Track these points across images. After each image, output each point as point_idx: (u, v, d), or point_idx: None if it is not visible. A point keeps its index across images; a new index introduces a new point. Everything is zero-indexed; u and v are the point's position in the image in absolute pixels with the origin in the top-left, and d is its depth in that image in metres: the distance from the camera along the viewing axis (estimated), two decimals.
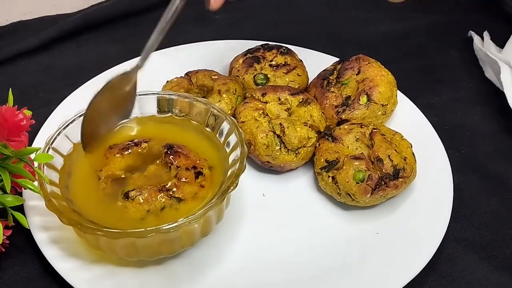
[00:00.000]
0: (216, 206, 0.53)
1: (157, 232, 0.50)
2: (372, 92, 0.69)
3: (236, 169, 0.56)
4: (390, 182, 0.60)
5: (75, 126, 0.59)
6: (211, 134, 0.62)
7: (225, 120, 0.61)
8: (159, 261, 0.57)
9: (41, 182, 0.53)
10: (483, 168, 0.70)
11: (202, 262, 0.57)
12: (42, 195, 0.53)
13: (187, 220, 0.51)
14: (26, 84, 0.80)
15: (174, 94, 0.64)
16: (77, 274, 0.55)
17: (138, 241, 0.52)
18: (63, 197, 0.55)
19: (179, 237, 0.54)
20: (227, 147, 0.60)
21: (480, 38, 0.86)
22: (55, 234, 0.57)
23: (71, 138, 0.60)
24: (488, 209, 0.65)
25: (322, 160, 0.64)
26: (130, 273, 0.56)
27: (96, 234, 0.51)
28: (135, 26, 0.91)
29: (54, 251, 0.56)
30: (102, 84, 0.74)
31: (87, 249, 0.57)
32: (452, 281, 0.58)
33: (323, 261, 0.58)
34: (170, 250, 0.55)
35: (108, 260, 0.56)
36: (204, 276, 0.56)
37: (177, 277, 0.56)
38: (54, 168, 0.57)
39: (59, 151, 0.58)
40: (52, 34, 0.86)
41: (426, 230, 0.59)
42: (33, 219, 0.58)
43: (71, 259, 0.56)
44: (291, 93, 0.68)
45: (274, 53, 0.75)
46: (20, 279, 0.57)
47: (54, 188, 0.55)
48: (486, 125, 0.76)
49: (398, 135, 0.65)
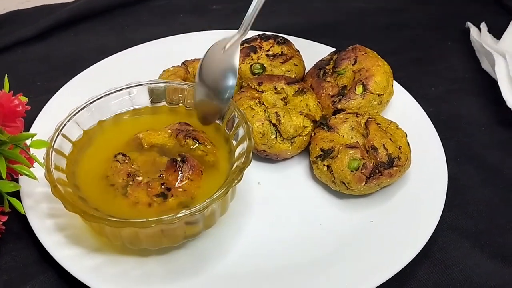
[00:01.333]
0: (219, 199, 0.53)
1: (158, 223, 0.51)
2: (368, 82, 0.69)
3: (242, 162, 0.56)
4: (385, 171, 0.61)
5: (85, 113, 0.60)
6: (220, 126, 0.62)
7: (234, 112, 0.60)
8: (162, 250, 0.57)
9: (48, 167, 0.54)
10: (478, 158, 0.70)
11: (200, 252, 0.58)
12: (48, 181, 0.53)
13: (189, 212, 0.51)
14: (24, 73, 0.80)
15: (185, 84, 0.64)
16: (75, 261, 0.55)
17: (141, 231, 0.52)
18: (70, 183, 0.55)
19: (182, 228, 0.54)
20: (235, 140, 0.60)
21: (477, 30, 0.86)
22: (51, 220, 0.58)
23: (80, 124, 0.60)
24: (483, 198, 0.66)
25: (318, 149, 0.64)
26: (133, 262, 0.56)
27: (99, 222, 0.51)
28: (132, 15, 0.92)
29: (50, 237, 0.56)
30: (100, 74, 0.75)
31: (86, 236, 0.57)
32: (445, 268, 0.59)
33: (317, 249, 0.58)
34: (173, 241, 0.56)
35: (109, 248, 0.56)
36: (205, 266, 0.56)
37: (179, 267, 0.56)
38: (62, 154, 0.57)
39: (68, 137, 0.58)
40: (50, 23, 0.86)
41: (419, 219, 0.60)
42: (29, 205, 0.58)
43: (69, 245, 0.56)
44: (287, 83, 0.68)
45: (271, 43, 0.75)
46: (16, 265, 0.57)
47: (61, 174, 0.55)
48: (482, 115, 0.76)
49: (393, 124, 0.65)
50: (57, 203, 0.53)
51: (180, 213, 0.51)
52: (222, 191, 0.53)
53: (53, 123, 0.59)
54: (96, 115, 0.61)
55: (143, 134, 0.59)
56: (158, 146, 0.59)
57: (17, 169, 0.52)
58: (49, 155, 0.55)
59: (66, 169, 0.56)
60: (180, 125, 0.60)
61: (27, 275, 0.56)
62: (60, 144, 0.57)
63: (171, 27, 0.89)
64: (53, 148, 0.56)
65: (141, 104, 0.64)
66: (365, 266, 0.56)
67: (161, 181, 0.55)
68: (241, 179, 0.55)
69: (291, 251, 0.58)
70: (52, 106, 0.70)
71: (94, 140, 0.60)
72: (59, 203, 0.53)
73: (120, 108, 0.63)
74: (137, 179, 0.55)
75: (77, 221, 0.56)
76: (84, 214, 0.51)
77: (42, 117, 0.69)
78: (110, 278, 0.54)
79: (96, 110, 0.61)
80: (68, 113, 0.60)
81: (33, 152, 0.54)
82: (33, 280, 0.56)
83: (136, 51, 0.80)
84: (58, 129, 0.58)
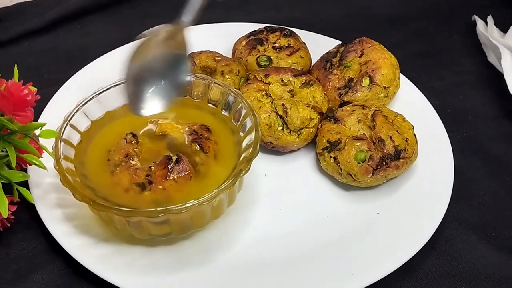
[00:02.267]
0: (227, 189, 0.53)
1: (167, 212, 0.51)
2: (375, 75, 0.69)
3: (249, 153, 0.56)
4: (391, 163, 0.61)
5: (93, 104, 0.60)
6: (227, 118, 0.62)
7: (241, 103, 0.61)
8: (169, 241, 0.57)
9: (57, 158, 0.54)
10: (484, 150, 0.70)
11: (207, 242, 0.58)
12: (58, 170, 0.53)
13: (197, 202, 0.52)
14: (30, 65, 0.80)
15: (192, 76, 0.64)
16: (84, 251, 0.55)
17: (148, 220, 0.53)
18: (78, 172, 0.56)
19: (190, 218, 0.54)
20: (242, 131, 0.60)
21: (483, 23, 0.86)
22: (60, 210, 0.58)
23: (89, 115, 0.60)
24: (489, 190, 0.66)
25: (324, 140, 0.64)
26: (140, 252, 0.56)
27: (108, 211, 0.52)
28: (138, 7, 0.92)
29: (59, 226, 0.57)
30: (106, 66, 0.75)
31: (94, 226, 0.57)
32: (452, 260, 0.59)
33: (324, 240, 0.58)
34: (180, 231, 0.56)
35: (117, 238, 0.57)
36: (212, 256, 0.57)
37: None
38: (71, 144, 0.57)
39: (77, 127, 0.59)
40: (56, 15, 0.86)
41: (426, 210, 0.60)
42: (38, 195, 0.58)
43: (78, 235, 0.57)
44: (294, 75, 0.69)
45: (277, 35, 0.76)
46: (25, 254, 0.57)
47: (69, 164, 0.56)
48: (488, 109, 0.76)
49: (400, 116, 0.65)
50: (66, 193, 0.54)
51: (188, 203, 0.51)
52: (230, 181, 0.53)
53: (61, 113, 0.59)
54: (105, 106, 0.62)
55: (161, 121, 0.60)
56: (169, 138, 0.59)
57: (27, 159, 0.52)
58: (58, 145, 0.55)
59: (74, 159, 0.57)
60: (200, 127, 0.60)
61: (36, 265, 0.57)
62: (69, 134, 0.58)
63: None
64: (62, 138, 0.56)
65: None
66: (372, 257, 0.56)
67: (148, 173, 0.55)
68: (248, 169, 0.55)
69: (297, 242, 0.59)
70: (60, 97, 0.71)
71: (103, 129, 0.60)
72: (67, 193, 0.53)
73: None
74: (131, 163, 0.56)
75: (86, 211, 0.56)
76: (93, 204, 0.52)
77: (50, 108, 0.69)
78: (118, 267, 0.54)
79: (104, 101, 0.61)
80: (77, 104, 0.60)
81: (42, 142, 0.55)
82: (41, 269, 0.56)
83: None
84: (66, 119, 0.58)
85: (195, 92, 0.64)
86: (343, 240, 0.58)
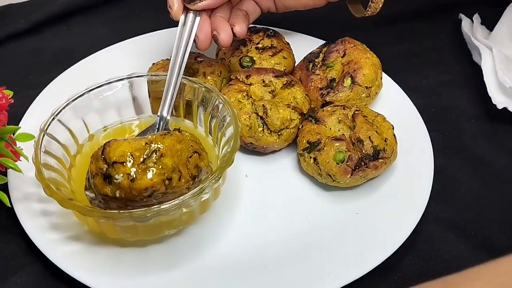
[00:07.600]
0: (214, 182, 0.54)
1: (158, 212, 0.51)
2: (356, 75, 0.69)
3: (231, 147, 0.57)
4: (370, 163, 0.61)
5: (81, 101, 0.62)
6: (203, 116, 0.63)
7: (218, 99, 0.61)
8: (141, 242, 0.57)
9: (39, 169, 0.53)
10: (466, 150, 0.70)
11: (184, 244, 0.58)
12: (40, 181, 0.53)
13: (184, 198, 0.51)
14: (16, 67, 0.80)
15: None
16: (57, 248, 0.55)
17: (138, 222, 0.53)
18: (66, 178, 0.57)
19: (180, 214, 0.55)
20: (220, 128, 0.61)
21: (470, 21, 0.86)
22: (38, 211, 0.58)
23: (76, 111, 0.62)
24: (470, 190, 0.66)
25: (304, 141, 0.64)
26: (110, 253, 0.56)
27: (93, 216, 0.52)
28: (125, 9, 0.92)
29: (37, 227, 0.57)
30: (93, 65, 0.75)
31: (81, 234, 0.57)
32: (430, 260, 0.59)
33: (302, 240, 0.59)
34: (172, 227, 0.56)
35: (89, 235, 0.57)
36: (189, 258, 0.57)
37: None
38: (57, 140, 0.59)
39: (64, 123, 0.61)
40: (42, 17, 0.86)
41: (404, 209, 0.60)
42: (17, 198, 0.59)
43: (52, 232, 0.57)
44: (275, 75, 0.69)
45: (261, 35, 0.76)
46: (4, 257, 0.58)
47: (51, 159, 0.56)
48: (471, 108, 0.76)
49: (380, 116, 0.65)
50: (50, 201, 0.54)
51: (176, 200, 0.51)
52: (215, 175, 0.54)
53: (44, 115, 0.59)
54: (91, 104, 0.63)
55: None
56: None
57: (3, 162, 0.52)
58: (39, 140, 0.56)
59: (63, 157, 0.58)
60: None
61: (15, 267, 0.57)
62: (55, 129, 0.59)
63: (165, 20, 0.89)
64: (46, 132, 0.57)
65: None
66: (349, 257, 0.56)
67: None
68: (232, 162, 0.56)
69: (276, 243, 0.59)
70: (43, 99, 0.71)
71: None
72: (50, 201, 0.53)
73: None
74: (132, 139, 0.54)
75: (70, 215, 0.57)
76: (81, 210, 0.51)
77: (33, 111, 0.69)
78: (87, 266, 0.55)
79: (95, 98, 0.63)
80: (67, 99, 0.61)
81: (20, 145, 0.55)
82: (20, 271, 0.56)
83: (128, 44, 0.80)
84: (53, 113, 0.59)
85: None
86: (321, 240, 0.59)
